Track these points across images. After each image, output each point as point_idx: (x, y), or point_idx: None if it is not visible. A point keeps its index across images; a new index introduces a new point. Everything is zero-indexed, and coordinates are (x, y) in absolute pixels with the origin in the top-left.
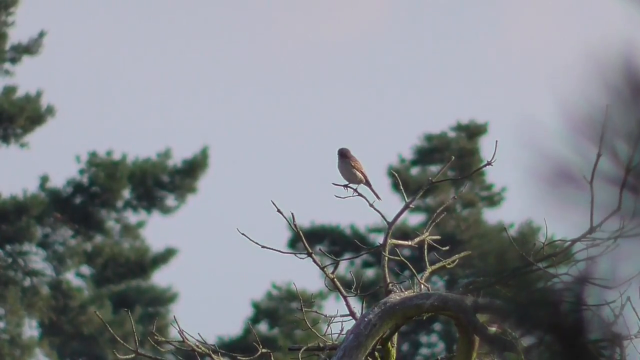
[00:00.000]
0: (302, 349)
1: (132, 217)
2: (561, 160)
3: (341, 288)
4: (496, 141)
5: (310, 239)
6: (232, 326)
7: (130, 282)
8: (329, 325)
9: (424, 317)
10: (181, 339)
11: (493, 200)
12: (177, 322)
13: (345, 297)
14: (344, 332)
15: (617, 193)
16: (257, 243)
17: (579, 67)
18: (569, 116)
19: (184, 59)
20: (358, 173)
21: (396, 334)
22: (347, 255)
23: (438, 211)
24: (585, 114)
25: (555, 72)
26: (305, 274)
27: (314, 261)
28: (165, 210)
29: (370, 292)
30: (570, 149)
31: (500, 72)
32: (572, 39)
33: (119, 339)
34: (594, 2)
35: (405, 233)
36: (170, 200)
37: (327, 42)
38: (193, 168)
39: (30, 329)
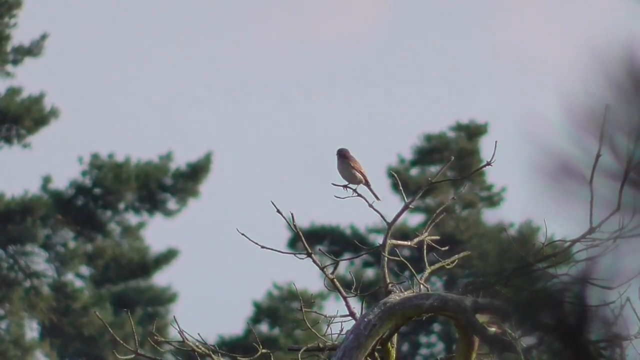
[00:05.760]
0: (302, 349)
1: (133, 219)
2: (563, 155)
3: (341, 288)
4: (496, 141)
5: (310, 239)
6: (233, 326)
7: (130, 282)
8: (329, 325)
9: (424, 318)
10: (181, 339)
11: (493, 201)
12: (177, 322)
13: (345, 298)
14: (343, 332)
15: (617, 190)
16: (256, 243)
17: (582, 62)
18: (571, 111)
19: (186, 62)
20: (357, 173)
21: (396, 334)
22: (346, 256)
23: (438, 211)
24: (587, 108)
25: (558, 67)
26: (305, 274)
27: (314, 261)
28: (167, 213)
29: (370, 292)
30: (572, 143)
31: (501, 71)
32: (574, 34)
33: (119, 340)
34: None
35: (404, 233)
36: (172, 203)
37: (326, 43)
38: (196, 172)
39: (31, 331)
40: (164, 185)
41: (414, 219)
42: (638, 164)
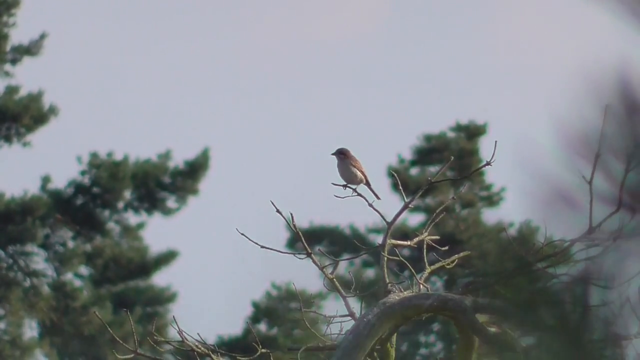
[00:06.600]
0: (302, 349)
1: (133, 219)
2: (558, 181)
3: (340, 288)
4: (495, 141)
5: (309, 239)
6: (232, 326)
7: (129, 282)
8: (328, 325)
9: (423, 318)
10: (180, 339)
11: (492, 200)
12: (176, 322)
13: (344, 298)
14: (343, 332)
15: (614, 207)
16: (256, 243)
17: (575, 86)
18: (564, 135)
19: (184, 60)
20: (358, 173)
21: (395, 334)
22: (346, 256)
23: (437, 211)
24: (580, 132)
25: (551, 91)
26: (304, 274)
27: (313, 261)
28: (167, 212)
29: (369, 292)
30: (566, 168)
31: (501, 71)
32: (573, 34)
33: (118, 339)
34: (590, 20)
35: (404, 233)
36: (172, 202)
37: (326, 41)
38: (194, 169)
39: (30, 330)
40: (162, 184)
41: (414, 219)
42: (631, 187)
